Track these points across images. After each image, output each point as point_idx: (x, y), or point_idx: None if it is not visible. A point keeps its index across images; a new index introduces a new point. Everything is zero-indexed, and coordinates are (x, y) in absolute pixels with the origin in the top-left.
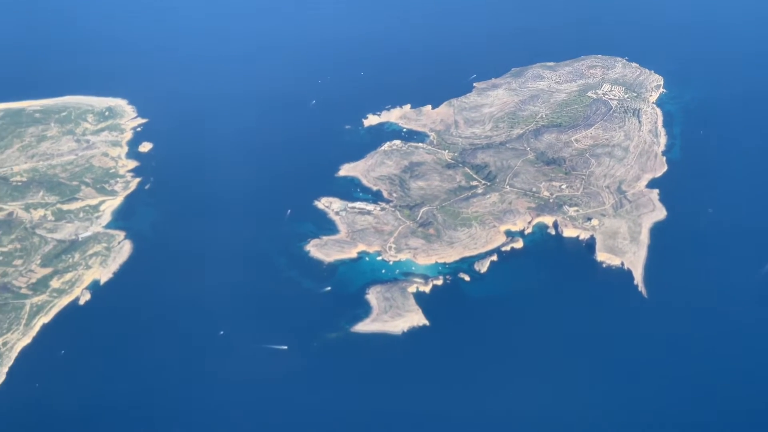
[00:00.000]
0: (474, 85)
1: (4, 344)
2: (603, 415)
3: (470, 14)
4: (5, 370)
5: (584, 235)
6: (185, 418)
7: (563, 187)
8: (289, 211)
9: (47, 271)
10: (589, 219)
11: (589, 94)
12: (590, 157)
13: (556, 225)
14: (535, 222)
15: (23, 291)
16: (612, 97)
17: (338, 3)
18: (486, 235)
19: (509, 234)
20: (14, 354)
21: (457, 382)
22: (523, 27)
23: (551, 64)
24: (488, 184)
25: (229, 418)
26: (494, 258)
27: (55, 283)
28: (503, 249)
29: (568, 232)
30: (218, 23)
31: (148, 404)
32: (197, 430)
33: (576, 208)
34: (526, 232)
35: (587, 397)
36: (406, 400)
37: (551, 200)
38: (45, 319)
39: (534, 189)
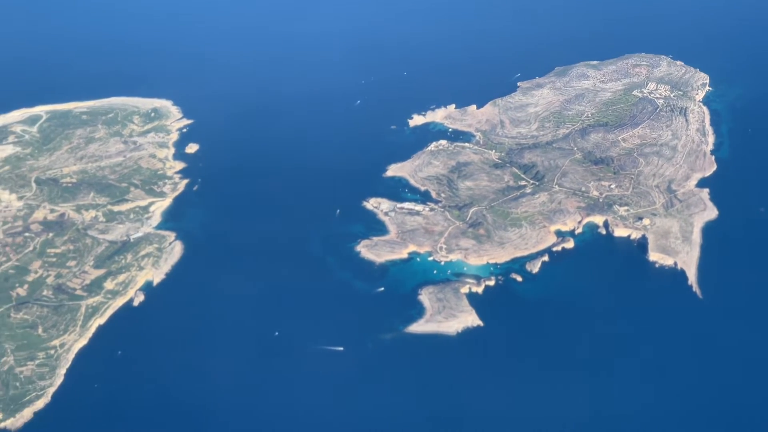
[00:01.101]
0: (518, 84)
1: (62, 345)
2: (658, 417)
3: (511, 13)
4: (63, 371)
5: (636, 235)
6: (244, 418)
7: (612, 186)
8: (338, 210)
9: (101, 272)
10: (640, 218)
11: (635, 92)
12: (638, 157)
13: (606, 225)
14: (585, 222)
15: (78, 292)
16: (658, 95)
17: (379, 3)
18: (536, 235)
19: (559, 234)
20: (71, 355)
21: (514, 383)
22: (565, 25)
23: (595, 62)
24: (537, 183)
25: (289, 418)
26: (545, 258)
27: (109, 285)
28: (554, 249)
29: (619, 232)
30: (260, 24)
31: (206, 405)
32: (255, 430)
33: (626, 208)
34: (576, 232)
35: (641, 399)
36: (464, 401)
37: (601, 200)
38: (100, 320)
39: (583, 188)
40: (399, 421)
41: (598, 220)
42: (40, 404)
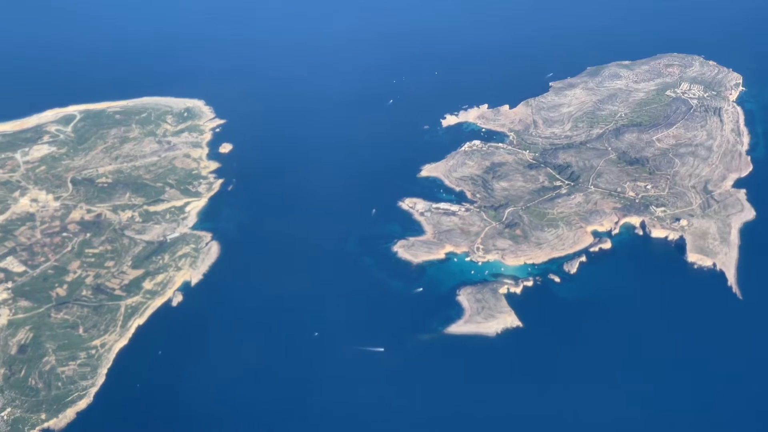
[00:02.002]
0: (550, 84)
1: (102, 345)
2: (697, 418)
3: (541, 12)
4: (105, 371)
5: (673, 236)
6: (285, 418)
7: (648, 187)
8: (374, 210)
9: (139, 272)
10: (678, 219)
11: (668, 93)
12: (674, 157)
13: (643, 225)
14: (621, 222)
15: (117, 292)
16: (691, 95)
17: (410, 2)
18: (573, 235)
19: (596, 234)
20: (112, 355)
21: (555, 384)
22: (595, 25)
23: (627, 62)
24: (572, 184)
25: (331, 419)
26: (583, 259)
27: (147, 285)
28: (591, 250)
29: (657, 233)
30: (291, 25)
31: (248, 405)
32: (296, 430)
33: (663, 209)
34: (613, 233)
35: (680, 400)
36: (505, 401)
37: (637, 200)
38: (140, 320)
39: (619, 189)
40: (441, 421)
41: (634, 220)
42: (82, 404)
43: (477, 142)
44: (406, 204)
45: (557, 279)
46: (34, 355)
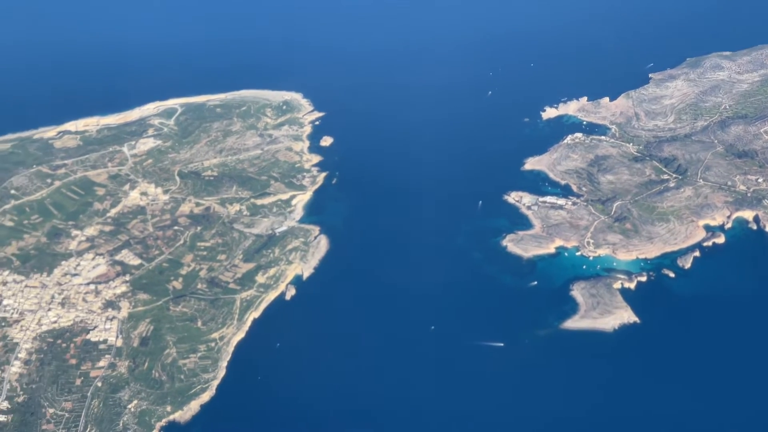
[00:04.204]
0: (650, 75)
1: (221, 338)
2: None
3: (636, 2)
4: (225, 364)
5: None
6: (409, 412)
7: (760, 180)
8: (480, 202)
9: (250, 266)
10: None
11: None
12: None
13: (757, 219)
14: (734, 216)
15: (231, 286)
16: None
17: None
18: (685, 230)
19: (708, 229)
20: (231, 348)
21: (678, 382)
22: (690, 14)
23: (727, 53)
24: (680, 177)
25: (460, 414)
26: (697, 254)
27: (260, 278)
28: (705, 244)
29: None
30: (383, 17)
31: (369, 397)
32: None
33: None
34: (726, 227)
35: None
36: (631, 399)
37: (749, 194)
38: (255, 313)
39: (729, 183)
40: (569, 419)
41: (747, 214)
42: (205, 397)
43: (579, 134)
44: (512, 197)
45: (671, 274)
46: (155, 347)
